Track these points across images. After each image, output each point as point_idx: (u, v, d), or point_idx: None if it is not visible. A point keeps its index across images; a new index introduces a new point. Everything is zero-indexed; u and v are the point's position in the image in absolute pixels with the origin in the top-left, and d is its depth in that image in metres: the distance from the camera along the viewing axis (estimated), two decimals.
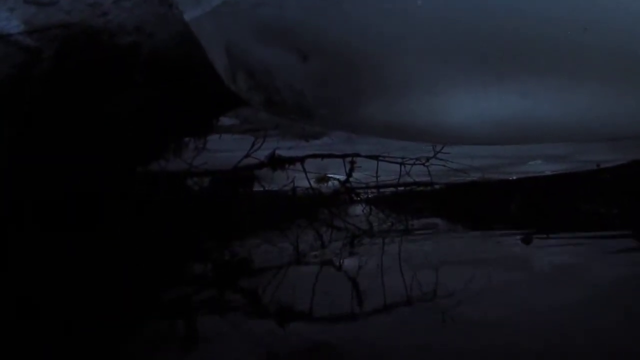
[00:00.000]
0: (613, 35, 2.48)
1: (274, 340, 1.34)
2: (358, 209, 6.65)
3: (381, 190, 6.04)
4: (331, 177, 5.92)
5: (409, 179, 5.55)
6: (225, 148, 4.72)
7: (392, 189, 6.06)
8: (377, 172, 5.32)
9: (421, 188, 6.52)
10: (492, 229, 4.17)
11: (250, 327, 1.49)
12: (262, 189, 5.28)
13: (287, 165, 5.14)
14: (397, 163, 5.33)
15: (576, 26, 2.44)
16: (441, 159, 5.20)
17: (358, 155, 5.28)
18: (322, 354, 1.22)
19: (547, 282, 1.98)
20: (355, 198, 6.39)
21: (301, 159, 5.13)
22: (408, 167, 5.36)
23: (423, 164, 5.31)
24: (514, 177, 6.90)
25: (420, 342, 1.26)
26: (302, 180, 5.44)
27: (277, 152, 5.06)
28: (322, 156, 5.19)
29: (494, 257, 2.64)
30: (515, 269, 2.31)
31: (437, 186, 6.52)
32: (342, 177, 5.67)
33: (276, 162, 5.08)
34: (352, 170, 5.44)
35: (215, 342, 1.34)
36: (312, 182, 5.51)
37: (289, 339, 1.35)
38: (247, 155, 4.80)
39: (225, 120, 4.47)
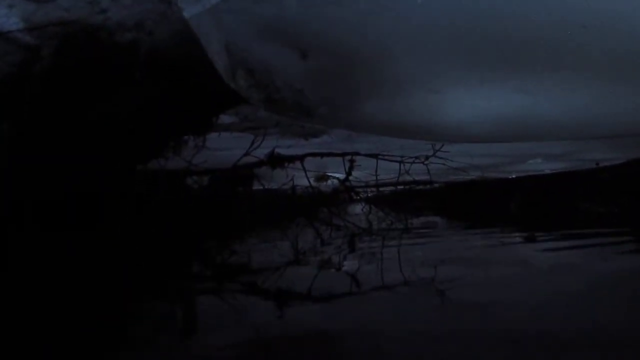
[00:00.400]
0: (613, 35, 2.47)
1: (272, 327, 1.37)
2: (357, 208, 6.65)
3: (380, 188, 6.04)
4: (331, 176, 5.92)
5: (408, 178, 5.55)
6: (225, 146, 4.72)
7: (391, 187, 6.06)
8: (376, 171, 5.33)
9: (420, 187, 6.52)
10: (491, 227, 4.17)
11: (248, 322, 1.49)
12: (261, 187, 5.28)
13: (286, 164, 5.14)
14: (396, 161, 5.33)
15: (576, 25, 2.44)
16: (441, 158, 5.20)
17: (357, 153, 5.28)
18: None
19: (547, 280, 1.98)
20: (354, 197, 6.39)
21: (301, 158, 5.13)
22: (407, 165, 5.36)
23: (422, 163, 5.31)
24: (514, 176, 6.91)
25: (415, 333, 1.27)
26: (301, 178, 5.45)
27: (277, 150, 5.06)
28: (322, 155, 5.19)
29: (494, 256, 2.64)
30: (515, 266, 2.31)
31: (436, 185, 6.52)
32: (342, 176, 5.68)
33: (276, 161, 5.08)
34: (351, 168, 5.44)
35: (213, 336, 1.35)
36: (311, 180, 5.51)
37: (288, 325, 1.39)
38: (246, 154, 4.80)
39: (224, 119, 4.47)
